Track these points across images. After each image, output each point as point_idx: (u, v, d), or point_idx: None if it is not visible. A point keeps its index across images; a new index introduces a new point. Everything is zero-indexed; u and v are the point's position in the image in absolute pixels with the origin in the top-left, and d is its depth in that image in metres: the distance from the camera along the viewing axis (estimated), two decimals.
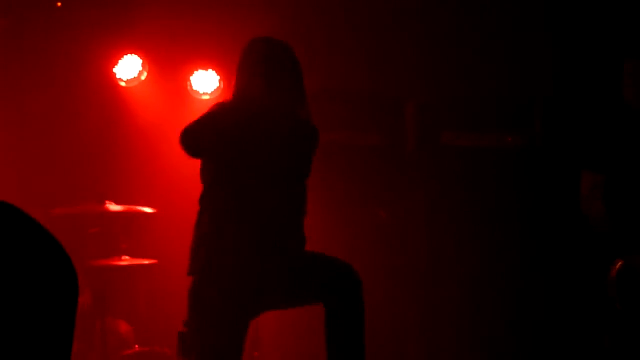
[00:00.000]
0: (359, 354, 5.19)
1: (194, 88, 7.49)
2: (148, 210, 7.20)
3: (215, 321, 5.11)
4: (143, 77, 7.72)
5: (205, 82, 7.55)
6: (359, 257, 6.42)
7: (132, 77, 7.60)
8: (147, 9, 7.45)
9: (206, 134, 5.05)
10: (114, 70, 7.70)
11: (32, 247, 1.67)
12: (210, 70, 7.45)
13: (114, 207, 6.98)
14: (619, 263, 5.67)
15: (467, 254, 6.85)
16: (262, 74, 5.07)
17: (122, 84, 7.73)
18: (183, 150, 5.07)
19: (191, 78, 7.55)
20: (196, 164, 5.38)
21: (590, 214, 5.84)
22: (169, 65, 7.76)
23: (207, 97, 7.52)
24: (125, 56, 7.64)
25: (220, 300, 5.11)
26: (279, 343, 7.22)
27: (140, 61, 7.64)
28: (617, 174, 5.80)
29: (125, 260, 7.03)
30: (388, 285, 7.19)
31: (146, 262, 7.07)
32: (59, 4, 7.60)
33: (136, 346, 7.20)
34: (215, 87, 7.48)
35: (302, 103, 5.21)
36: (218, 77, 7.47)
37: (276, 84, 5.10)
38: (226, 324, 5.14)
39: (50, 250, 1.70)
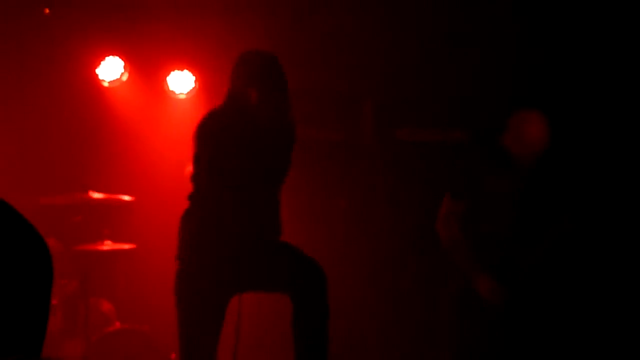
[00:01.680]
0: (322, 346, 5.45)
1: (171, 88, 7.67)
2: (127, 198, 7.39)
3: (199, 299, 5.39)
4: (124, 78, 7.91)
5: (181, 83, 7.74)
6: (322, 243, 6.88)
7: (114, 78, 7.81)
8: (128, 14, 7.58)
9: (225, 164, 5.33)
10: (97, 71, 7.89)
11: (8, 232, 1.72)
12: (185, 71, 7.63)
13: (96, 195, 7.22)
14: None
15: (417, 239, 6.91)
16: (256, 85, 5.34)
17: (105, 84, 7.93)
18: (210, 179, 5.39)
19: (167, 78, 7.70)
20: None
21: (440, 234, 6.06)
22: (147, 67, 7.89)
23: (182, 96, 7.73)
24: (107, 58, 7.82)
25: (204, 282, 5.38)
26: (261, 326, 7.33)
27: (122, 63, 7.81)
28: (475, 208, 5.99)
29: (107, 245, 7.26)
30: (348, 270, 7.33)
31: (126, 246, 7.30)
32: (47, 10, 7.72)
33: (117, 323, 7.36)
34: (190, 88, 7.67)
35: (288, 111, 5.51)
36: (193, 78, 7.65)
37: (268, 95, 5.36)
38: (208, 302, 5.40)
39: (25, 235, 1.75)
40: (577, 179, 6.29)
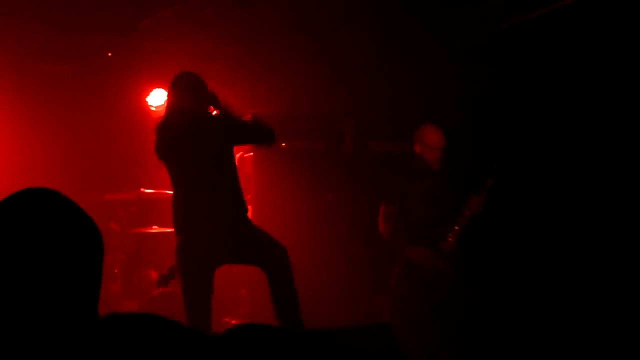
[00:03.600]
0: (294, 308, 5.70)
1: None
2: (170, 192, 7.16)
3: (191, 267, 5.70)
4: None
5: None
6: (311, 227, 7.47)
7: (160, 104, 8.46)
8: (169, 57, 8.00)
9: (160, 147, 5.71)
10: (147, 99, 8.65)
11: (68, 217, 1.85)
12: None
13: (147, 191, 7.95)
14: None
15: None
16: (173, 94, 5.75)
17: (152, 108, 8.59)
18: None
19: None
20: None
21: (381, 229, 6.59)
22: None
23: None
24: (154, 90, 8.60)
25: (194, 252, 5.71)
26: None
27: (166, 93, 7.83)
28: (403, 206, 6.54)
29: (155, 229, 7.97)
30: (330, 244, 7.85)
31: (169, 230, 7.06)
32: (110, 54, 8.45)
33: (162, 288, 7.10)
34: None
35: (201, 108, 5.68)
36: None
37: (181, 100, 5.67)
38: (198, 269, 5.70)
39: (81, 219, 1.87)
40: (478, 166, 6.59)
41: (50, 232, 1.79)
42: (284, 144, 7.47)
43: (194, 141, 5.66)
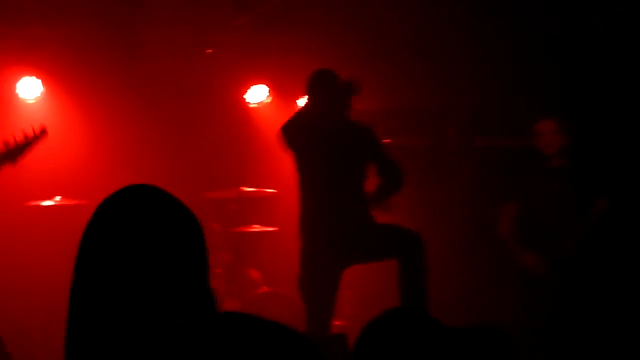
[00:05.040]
0: (423, 299, 5.66)
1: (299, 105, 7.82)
2: (271, 191, 8.01)
3: (319, 271, 5.77)
4: (268, 100, 8.72)
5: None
6: (422, 222, 7.16)
7: (260, 100, 8.70)
8: (270, 55, 8.24)
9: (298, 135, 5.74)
10: (245, 96, 8.75)
11: (171, 214, 1.89)
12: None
13: (247, 190, 7.89)
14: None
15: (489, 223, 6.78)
16: (320, 95, 5.78)
17: (251, 105, 8.77)
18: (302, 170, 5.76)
19: (297, 101, 7.98)
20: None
21: (500, 231, 6.44)
22: (286, 91, 8.49)
23: None
24: (253, 86, 8.70)
25: (322, 256, 5.77)
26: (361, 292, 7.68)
27: (267, 89, 8.55)
28: (527, 205, 6.36)
29: (256, 228, 7.96)
30: (438, 242, 7.20)
31: (270, 229, 7.92)
32: (210, 51, 8.51)
33: (264, 287, 7.98)
34: None
35: (347, 115, 5.84)
36: None
37: (330, 105, 5.78)
38: (325, 273, 5.78)
39: (183, 215, 1.91)
40: (607, 169, 6.43)
41: (157, 228, 1.83)
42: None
43: (341, 148, 5.78)
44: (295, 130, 5.78)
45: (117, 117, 8.25)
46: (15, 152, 5.81)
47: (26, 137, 5.88)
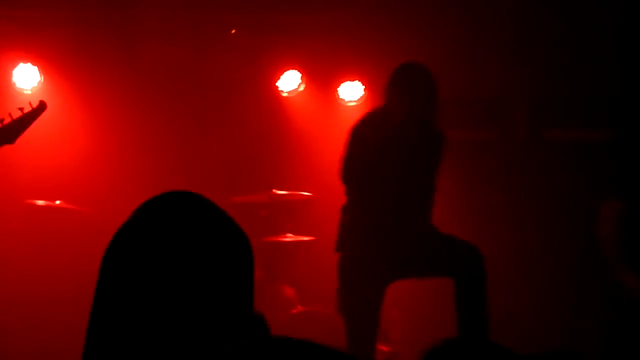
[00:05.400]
0: (483, 319, 5.56)
1: (341, 97, 8.12)
2: (306, 194, 7.75)
3: (359, 287, 5.66)
4: (301, 89, 8.33)
5: (351, 92, 8.17)
6: (476, 232, 6.93)
7: (292, 89, 8.28)
8: (304, 34, 8.06)
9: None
10: (277, 84, 8.36)
11: (216, 227, 1.88)
12: (356, 82, 8.07)
13: (279, 193, 7.63)
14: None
15: (565, 233, 7.01)
16: (408, 96, 5.77)
17: (284, 94, 8.38)
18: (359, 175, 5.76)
19: (339, 89, 8.14)
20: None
21: (600, 235, 6.04)
22: (321, 78, 8.29)
23: (352, 104, 8.07)
24: (286, 72, 8.30)
25: (363, 270, 5.66)
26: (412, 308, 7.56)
27: (300, 75, 8.24)
28: (633, 207, 5.95)
29: (290, 237, 7.67)
30: (502, 256, 7.21)
31: (306, 238, 7.62)
32: (233, 31, 8.17)
33: (299, 307, 7.60)
34: (360, 96, 8.06)
35: (435, 122, 5.82)
36: (363, 87, 8.05)
37: (417, 106, 5.78)
38: (367, 290, 5.66)
39: (230, 229, 1.90)
40: None
41: (202, 242, 1.82)
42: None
43: (418, 154, 5.74)
44: (368, 133, 5.76)
45: (124, 111, 8.09)
46: (12, 129, 5.73)
47: (22, 111, 5.76)
